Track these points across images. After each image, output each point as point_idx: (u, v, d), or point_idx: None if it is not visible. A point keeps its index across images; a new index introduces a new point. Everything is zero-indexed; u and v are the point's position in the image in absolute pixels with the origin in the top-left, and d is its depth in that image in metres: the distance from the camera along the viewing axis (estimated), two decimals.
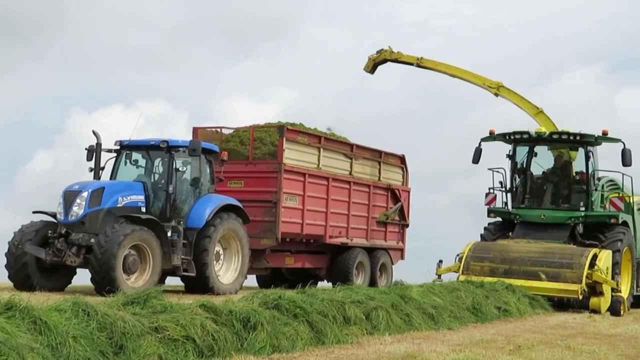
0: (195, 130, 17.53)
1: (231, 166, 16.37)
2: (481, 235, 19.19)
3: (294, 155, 16.91)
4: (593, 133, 18.43)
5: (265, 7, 49.02)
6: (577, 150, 19.00)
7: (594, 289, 16.45)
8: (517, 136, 18.79)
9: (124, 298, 8.25)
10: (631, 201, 19.30)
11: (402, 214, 20.65)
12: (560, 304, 16.63)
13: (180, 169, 14.49)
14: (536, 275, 16.66)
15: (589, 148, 18.58)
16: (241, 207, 15.11)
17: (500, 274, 16.85)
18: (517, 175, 19.24)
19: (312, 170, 17.42)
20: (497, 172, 19.12)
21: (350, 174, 18.76)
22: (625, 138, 18.13)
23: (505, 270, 16.99)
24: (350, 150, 18.87)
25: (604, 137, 18.36)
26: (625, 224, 18.53)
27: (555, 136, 18.77)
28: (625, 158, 17.90)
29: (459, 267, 17.43)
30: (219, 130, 17.77)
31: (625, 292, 17.68)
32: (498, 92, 21.10)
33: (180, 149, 14.31)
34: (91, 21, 45.40)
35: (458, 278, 17.00)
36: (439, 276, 17.58)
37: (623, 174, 18.85)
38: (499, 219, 19.34)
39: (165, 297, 8.63)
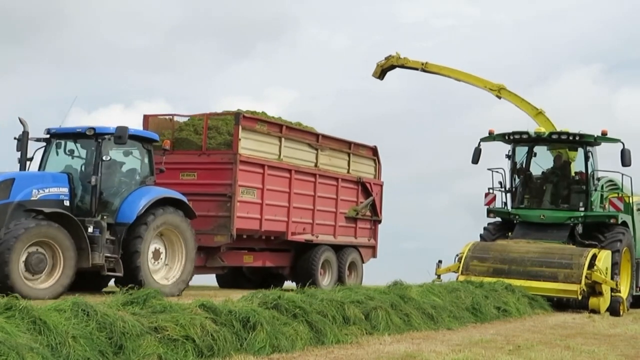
0: (146, 118, 16.35)
1: (184, 157, 15.56)
2: (480, 236, 19.17)
3: (251, 145, 15.87)
4: (592, 133, 18.44)
5: (264, 7, 49.09)
6: (576, 150, 19.00)
7: (594, 289, 16.44)
8: (517, 136, 18.78)
9: (124, 298, 8.26)
10: (630, 201, 19.29)
11: (374, 209, 19.64)
12: (560, 304, 16.62)
13: (105, 158, 13.09)
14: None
15: (588, 148, 18.58)
16: (185, 200, 13.97)
17: (500, 274, 16.84)
18: (516, 176, 19.24)
19: (272, 162, 16.35)
20: (497, 172, 19.12)
21: (315, 165, 17.73)
22: (624, 138, 18.17)
23: (504, 270, 16.98)
24: (316, 140, 17.79)
25: (604, 137, 18.35)
26: (624, 224, 18.52)
27: (554, 136, 18.77)
28: (625, 158, 17.90)
29: (459, 267, 17.40)
30: (171, 118, 16.59)
31: (624, 292, 17.67)
32: (499, 94, 21.23)
33: (106, 136, 13.07)
34: (90, 21, 45.46)
35: (457, 278, 16.99)
36: (439, 276, 17.55)
37: (622, 174, 18.85)
38: (498, 219, 19.34)
39: (164, 297, 8.64)
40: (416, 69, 22.47)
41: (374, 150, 19.87)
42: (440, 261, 17.98)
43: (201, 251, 15.01)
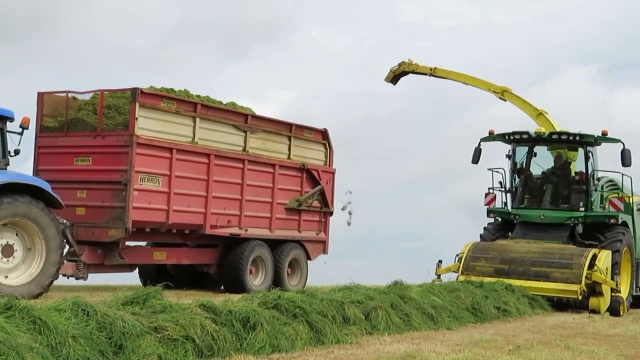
0: (40, 95, 14.55)
1: (78, 140, 13.97)
2: (481, 236, 19.18)
3: (154, 126, 13.96)
4: (592, 133, 18.44)
5: (263, 8, 49.10)
6: (576, 150, 19.01)
7: (594, 289, 16.43)
8: (517, 136, 18.79)
9: (124, 298, 8.26)
10: (630, 201, 19.29)
11: (324, 200, 17.57)
12: (560, 304, 16.62)
13: None
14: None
15: (589, 148, 18.58)
16: (46, 188, 12.06)
17: (500, 274, 16.84)
18: (516, 176, 19.25)
19: (182, 145, 14.35)
20: (497, 172, 19.14)
21: (244, 150, 15.66)
22: (622, 139, 18.17)
23: (504, 270, 16.99)
24: (244, 121, 15.66)
25: (604, 138, 18.36)
26: (624, 224, 18.52)
27: (554, 136, 18.77)
28: (625, 158, 17.89)
29: (459, 267, 17.40)
30: (69, 95, 14.50)
31: (624, 292, 17.67)
32: (503, 96, 21.43)
33: None
34: (87, 22, 45.43)
35: (457, 278, 16.99)
36: (439, 276, 17.56)
37: (623, 174, 18.85)
38: (498, 219, 19.35)
39: (165, 296, 8.64)
40: (425, 74, 22.76)
41: (324, 134, 17.75)
42: (440, 261, 17.99)
43: (99, 247, 13.70)
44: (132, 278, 15.39)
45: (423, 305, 12.09)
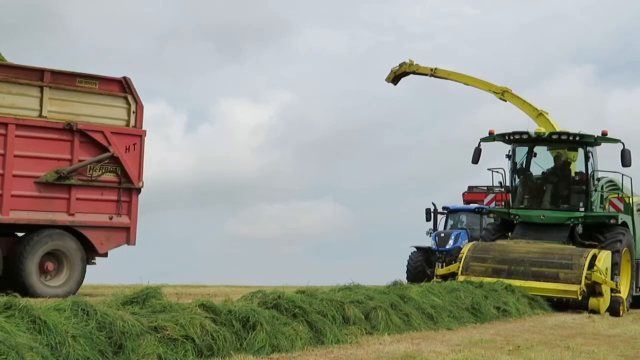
0: None
1: None
2: (480, 236, 19.18)
3: None
4: (592, 133, 18.44)
5: (262, 9, 49.15)
6: (576, 150, 19.01)
7: (593, 290, 16.43)
8: (517, 136, 18.78)
9: (124, 297, 8.25)
10: (630, 202, 19.30)
11: (124, 171, 13.72)
12: (560, 305, 16.62)
13: None
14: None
15: (589, 148, 18.58)
16: None
17: (500, 274, 16.84)
18: (516, 176, 19.25)
19: None
20: (497, 172, 19.14)
21: None
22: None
23: (504, 270, 16.98)
24: None
25: (604, 138, 18.35)
26: (624, 224, 18.52)
27: (554, 136, 18.78)
28: (625, 158, 17.89)
29: (458, 267, 17.41)
30: None
31: (624, 292, 17.68)
32: (503, 97, 21.55)
33: None
34: (84, 24, 45.46)
35: (457, 278, 16.98)
36: (439, 276, 17.55)
37: (622, 175, 18.87)
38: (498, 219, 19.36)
39: (164, 296, 8.64)
40: (426, 74, 22.90)
41: (123, 85, 13.78)
42: None
43: None
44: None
45: (423, 305, 12.08)
